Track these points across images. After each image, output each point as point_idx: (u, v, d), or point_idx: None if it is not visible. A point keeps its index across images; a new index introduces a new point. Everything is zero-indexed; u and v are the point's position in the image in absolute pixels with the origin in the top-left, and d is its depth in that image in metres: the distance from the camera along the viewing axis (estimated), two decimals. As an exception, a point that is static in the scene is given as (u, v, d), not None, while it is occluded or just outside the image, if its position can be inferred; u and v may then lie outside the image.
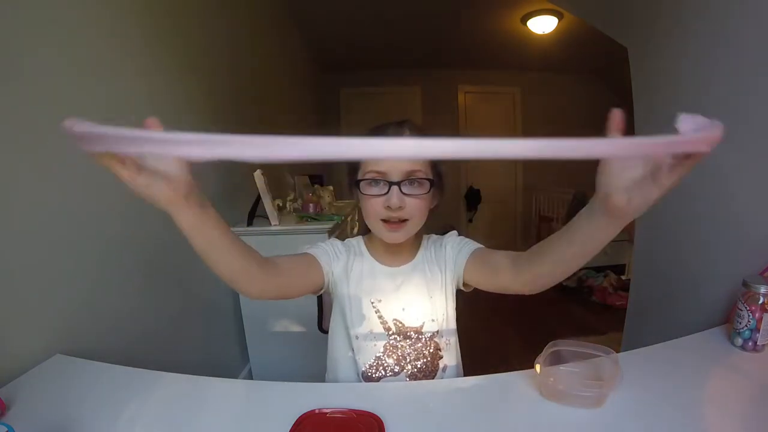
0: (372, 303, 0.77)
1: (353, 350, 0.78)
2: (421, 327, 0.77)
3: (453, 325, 0.80)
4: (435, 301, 0.77)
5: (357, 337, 0.77)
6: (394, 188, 0.67)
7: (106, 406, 0.64)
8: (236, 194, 1.83)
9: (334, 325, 0.82)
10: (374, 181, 0.69)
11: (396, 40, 3.50)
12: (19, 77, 0.83)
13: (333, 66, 4.00)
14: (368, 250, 0.81)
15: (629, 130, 0.36)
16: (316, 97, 3.82)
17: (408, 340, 0.76)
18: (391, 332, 0.76)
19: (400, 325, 0.76)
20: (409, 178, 0.68)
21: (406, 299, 0.77)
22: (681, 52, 1.31)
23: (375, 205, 0.69)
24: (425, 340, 0.77)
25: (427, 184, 0.70)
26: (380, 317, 0.77)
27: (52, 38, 0.91)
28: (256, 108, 2.20)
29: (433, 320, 0.77)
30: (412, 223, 0.71)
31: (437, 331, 0.77)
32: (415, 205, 0.69)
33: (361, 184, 0.70)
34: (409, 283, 0.78)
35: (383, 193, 0.68)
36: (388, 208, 0.68)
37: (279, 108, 2.66)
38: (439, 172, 0.75)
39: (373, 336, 0.77)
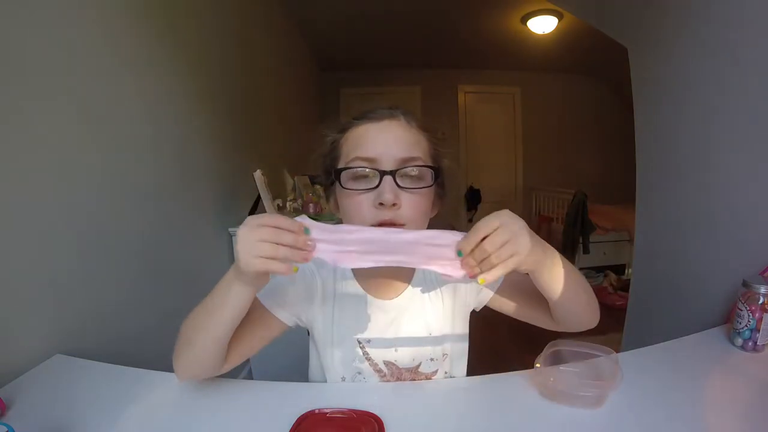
0: (360, 343, 0.63)
1: None
2: (418, 367, 0.65)
3: (461, 352, 0.68)
4: (436, 337, 0.65)
5: (343, 379, 0.65)
6: (387, 179, 0.51)
7: (106, 406, 0.64)
8: (236, 194, 1.82)
9: (312, 363, 0.71)
10: (360, 174, 0.53)
11: (396, 40, 3.50)
12: (19, 76, 0.83)
13: (333, 66, 4.00)
14: (353, 273, 0.63)
15: (629, 130, 0.36)
16: (316, 97, 3.82)
17: (403, 379, 0.66)
18: (383, 374, 0.64)
19: (393, 367, 0.64)
20: (406, 167, 0.53)
21: (399, 338, 0.63)
22: (681, 53, 1.31)
23: (361, 204, 0.53)
24: (424, 377, 0.66)
25: (429, 175, 0.54)
26: (369, 359, 0.63)
27: (59, 36, 0.91)
28: (256, 108, 2.20)
29: (432, 359, 0.64)
30: (410, 229, 0.53)
31: (437, 370, 0.66)
32: (413, 204, 0.53)
33: (343, 176, 0.54)
34: (403, 317, 0.63)
35: (373, 186, 0.52)
36: (381, 206, 0.52)
37: (279, 108, 2.66)
38: (440, 167, 0.59)
39: (363, 379, 0.65)
